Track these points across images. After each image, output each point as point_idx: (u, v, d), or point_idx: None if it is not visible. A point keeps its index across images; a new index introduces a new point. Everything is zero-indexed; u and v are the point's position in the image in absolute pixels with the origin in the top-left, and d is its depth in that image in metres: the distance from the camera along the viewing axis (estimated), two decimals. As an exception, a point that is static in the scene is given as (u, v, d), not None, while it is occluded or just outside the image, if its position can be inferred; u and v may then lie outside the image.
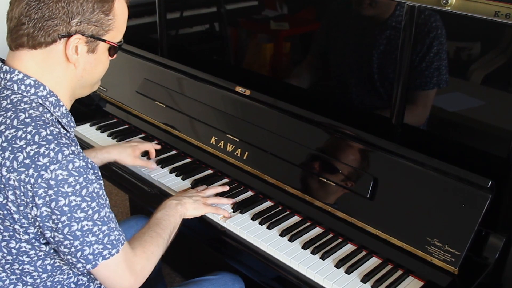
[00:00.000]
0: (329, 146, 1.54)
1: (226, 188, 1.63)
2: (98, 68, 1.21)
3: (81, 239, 1.09)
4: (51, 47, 1.12)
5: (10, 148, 1.06)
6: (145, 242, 1.27)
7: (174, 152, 1.86)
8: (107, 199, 1.16)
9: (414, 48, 1.41)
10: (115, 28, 1.17)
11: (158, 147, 1.84)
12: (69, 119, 1.21)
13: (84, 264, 1.12)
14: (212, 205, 1.53)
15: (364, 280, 1.30)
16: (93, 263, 1.12)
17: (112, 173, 1.79)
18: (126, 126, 2.05)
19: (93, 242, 1.10)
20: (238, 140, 1.71)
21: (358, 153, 1.48)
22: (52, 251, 1.16)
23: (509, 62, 1.29)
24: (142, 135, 1.97)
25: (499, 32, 1.28)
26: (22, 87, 1.13)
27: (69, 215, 1.07)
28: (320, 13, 1.75)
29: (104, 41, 1.17)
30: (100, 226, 1.11)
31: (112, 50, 1.21)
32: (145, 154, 1.81)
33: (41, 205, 1.05)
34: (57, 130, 1.09)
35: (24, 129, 1.07)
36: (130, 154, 1.72)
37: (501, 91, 1.37)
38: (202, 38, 2.22)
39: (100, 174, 1.15)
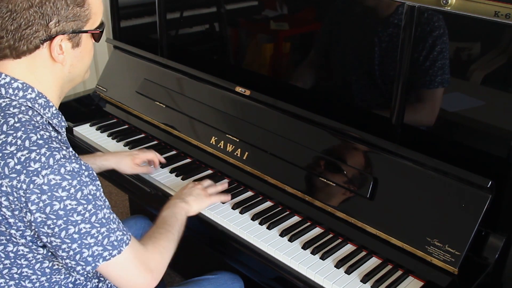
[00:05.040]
0: (329, 146, 1.54)
1: (225, 186, 1.64)
2: (85, 59, 1.20)
3: (79, 242, 1.07)
4: (35, 53, 1.11)
5: (0, 154, 1.05)
6: (155, 238, 1.27)
7: (174, 152, 1.86)
8: (106, 200, 1.15)
9: (417, 46, 1.41)
10: (93, 15, 1.15)
11: (163, 160, 1.77)
12: (59, 119, 1.19)
13: (84, 266, 1.10)
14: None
15: (364, 280, 1.30)
16: (93, 265, 1.10)
17: (112, 173, 1.78)
18: (126, 126, 2.04)
19: (92, 244, 1.09)
20: (238, 140, 1.71)
21: (358, 153, 1.48)
22: (50, 253, 1.15)
23: (509, 62, 1.29)
24: (142, 135, 1.97)
25: (499, 32, 1.28)
26: (10, 90, 1.12)
27: (65, 218, 1.05)
28: (320, 13, 1.74)
29: (86, 32, 1.15)
30: (98, 228, 1.09)
31: (96, 36, 1.19)
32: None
33: (34, 211, 1.04)
34: (47, 134, 1.08)
35: (14, 135, 1.05)
36: (128, 163, 1.69)
37: (501, 91, 1.37)
38: (202, 38, 2.21)
39: (95, 175, 1.13)
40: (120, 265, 1.14)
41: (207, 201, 1.52)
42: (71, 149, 1.12)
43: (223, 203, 1.57)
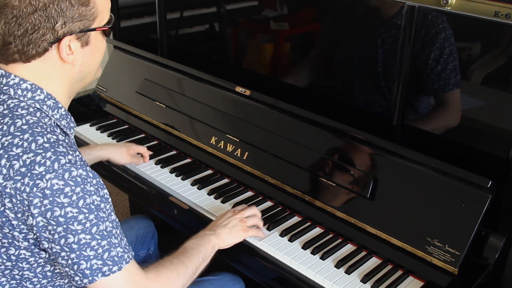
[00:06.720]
0: (329, 146, 1.54)
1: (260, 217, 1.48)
2: (96, 57, 1.19)
3: (77, 253, 1.05)
4: (44, 55, 1.10)
5: (6, 156, 1.04)
6: (161, 267, 1.21)
7: (174, 152, 1.86)
8: (112, 214, 1.12)
9: (424, 50, 1.40)
10: (100, 13, 1.14)
11: (150, 152, 1.84)
12: (68, 120, 1.18)
13: (82, 278, 1.08)
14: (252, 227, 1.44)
15: (364, 280, 1.30)
16: (90, 278, 1.07)
17: (112, 173, 1.79)
18: (126, 126, 2.04)
19: (91, 257, 1.06)
20: (238, 140, 1.71)
21: (359, 153, 1.48)
22: (52, 258, 1.13)
23: (509, 62, 1.29)
24: (142, 135, 1.98)
25: (499, 32, 1.28)
26: (19, 91, 1.11)
27: (64, 226, 1.03)
28: (320, 13, 1.74)
29: (94, 29, 1.14)
30: (99, 241, 1.06)
31: (106, 32, 1.18)
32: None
33: (36, 215, 1.03)
34: (54, 137, 1.07)
35: (21, 136, 1.05)
36: (123, 153, 1.77)
37: (501, 91, 1.37)
38: (202, 38, 2.22)
39: (102, 184, 1.11)
40: (113, 285, 1.09)
41: (243, 235, 1.40)
42: (78, 153, 1.10)
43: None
